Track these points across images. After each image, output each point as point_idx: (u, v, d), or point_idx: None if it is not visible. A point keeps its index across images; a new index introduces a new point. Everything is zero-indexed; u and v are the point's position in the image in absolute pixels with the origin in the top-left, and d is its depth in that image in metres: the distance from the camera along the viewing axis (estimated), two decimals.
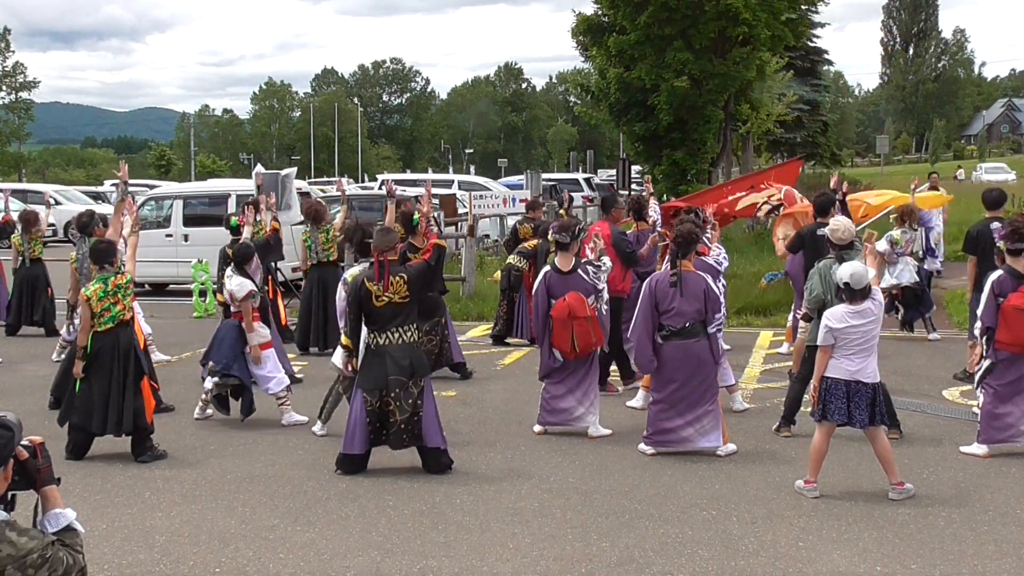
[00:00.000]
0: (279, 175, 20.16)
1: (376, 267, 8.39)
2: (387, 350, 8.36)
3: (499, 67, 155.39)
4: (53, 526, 3.86)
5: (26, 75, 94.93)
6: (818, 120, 49.05)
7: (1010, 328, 8.76)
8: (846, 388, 7.71)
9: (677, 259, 9.07)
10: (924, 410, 10.52)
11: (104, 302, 8.96)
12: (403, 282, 8.37)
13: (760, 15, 24.02)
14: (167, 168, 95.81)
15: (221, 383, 10.18)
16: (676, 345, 8.98)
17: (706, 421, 9.01)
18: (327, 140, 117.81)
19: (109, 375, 9.01)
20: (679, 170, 25.50)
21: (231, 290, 10.32)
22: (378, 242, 8.46)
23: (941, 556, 6.67)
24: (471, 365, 12.69)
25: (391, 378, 8.31)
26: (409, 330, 8.45)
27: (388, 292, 8.32)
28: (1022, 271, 8.88)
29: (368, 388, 8.39)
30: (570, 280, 9.65)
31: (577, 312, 9.41)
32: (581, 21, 27.01)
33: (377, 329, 8.41)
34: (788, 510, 7.56)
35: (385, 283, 8.33)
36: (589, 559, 6.66)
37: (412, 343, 8.47)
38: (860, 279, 7.72)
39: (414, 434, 8.40)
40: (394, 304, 8.36)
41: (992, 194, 11.75)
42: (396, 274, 8.40)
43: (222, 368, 10.09)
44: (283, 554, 6.81)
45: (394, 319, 8.38)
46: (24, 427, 3.83)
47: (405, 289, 8.37)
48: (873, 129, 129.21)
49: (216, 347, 10.25)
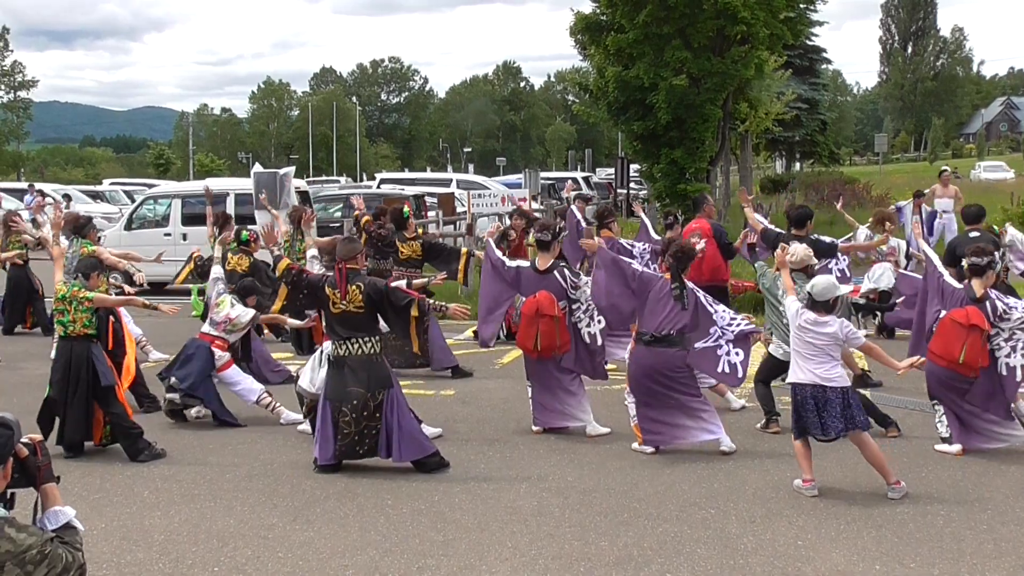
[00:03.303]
0: (277, 174, 20.13)
1: (336, 273, 8.51)
2: (346, 361, 8.47)
3: (497, 66, 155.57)
4: (52, 524, 3.86)
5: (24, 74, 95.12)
6: (816, 119, 48.99)
7: (944, 341, 8.83)
8: (814, 399, 7.75)
9: (678, 273, 9.06)
10: (923, 409, 10.52)
11: (60, 304, 9.08)
12: (359, 291, 8.44)
13: (759, 13, 24.00)
14: (165, 167, 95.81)
15: (180, 402, 10.22)
16: (657, 352, 8.99)
17: (704, 415, 9.05)
18: (325, 139, 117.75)
19: (64, 385, 9.07)
20: (677, 168, 25.47)
21: (232, 317, 10.42)
22: (341, 251, 8.64)
23: (940, 555, 6.68)
24: (470, 365, 12.69)
25: (349, 389, 8.41)
26: (369, 342, 8.50)
27: (344, 300, 8.43)
28: (977, 292, 8.91)
29: (330, 397, 8.52)
30: (544, 280, 9.69)
31: (545, 310, 9.41)
32: (579, 20, 26.98)
33: (337, 338, 8.52)
34: (787, 509, 7.57)
35: (343, 291, 8.44)
36: (588, 558, 6.66)
37: (371, 355, 8.51)
38: (823, 292, 7.85)
39: (371, 447, 8.49)
40: (349, 313, 8.45)
41: (972, 209, 12.14)
42: (354, 282, 8.48)
43: (186, 388, 10.13)
44: (282, 553, 6.81)
45: (352, 329, 8.46)
46: (24, 425, 3.83)
47: (360, 299, 8.43)
48: (872, 128, 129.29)
49: (181, 364, 10.29)
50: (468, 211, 19.83)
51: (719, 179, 30.49)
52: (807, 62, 46.29)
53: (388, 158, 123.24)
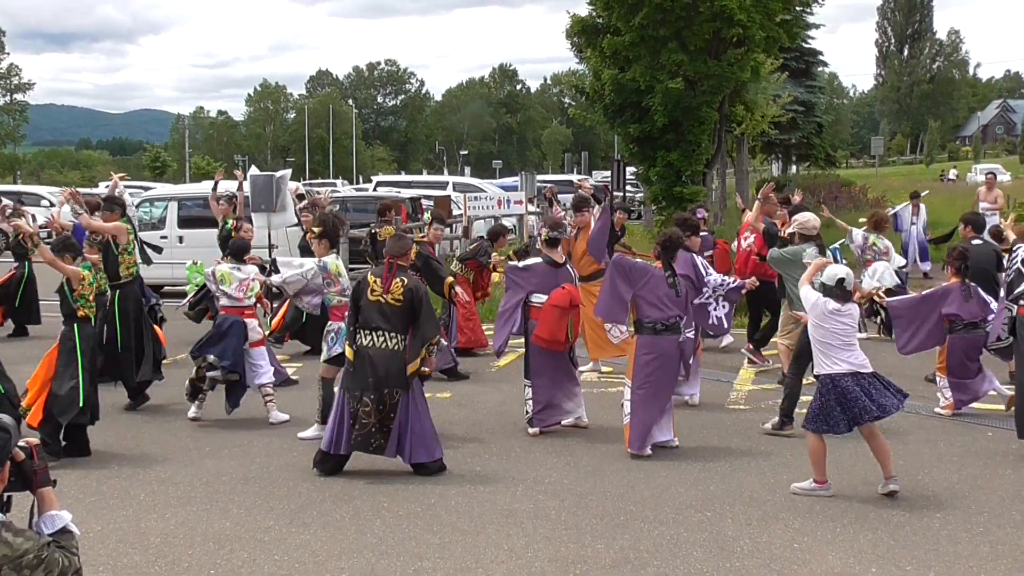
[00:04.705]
0: (273, 177, 20.10)
1: (386, 266, 8.63)
2: (368, 352, 8.48)
3: (493, 68, 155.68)
4: (49, 528, 3.86)
5: (21, 77, 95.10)
6: (813, 121, 49.00)
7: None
8: (858, 386, 7.69)
9: (668, 261, 9.32)
10: (918, 411, 10.54)
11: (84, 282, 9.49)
12: (401, 286, 8.51)
13: (755, 16, 23.99)
14: (162, 170, 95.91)
15: (222, 379, 10.30)
16: (669, 340, 9.16)
17: (669, 415, 9.32)
18: (322, 142, 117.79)
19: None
20: (674, 171, 25.44)
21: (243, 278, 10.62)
22: (391, 248, 8.77)
23: (936, 558, 6.68)
24: (466, 367, 12.70)
25: (370, 380, 8.43)
26: (395, 338, 8.51)
27: (387, 293, 8.50)
28: None
29: (349, 388, 8.53)
30: (561, 273, 10.03)
31: (576, 301, 9.73)
32: (575, 22, 26.94)
33: (363, 327, 8.54)
34: (783, 511, 7.58)
35: (388, 284, 8.51)
36: (584, 560, 6.66)
37: (395, 352, 8.51)
38: (831, 276, 7.98)
39: (382, 444, 8.47)
40: (385, 304, 8.49)
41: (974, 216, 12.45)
42: (399, 277, 8.57)
43: (228, 365, 10.24)
44: (278, 556, 6.81)
45: (385, 321, 8.48)
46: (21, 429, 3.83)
47: (401, 293, 8.49)
48: (868, 130, 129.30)
49: (217, 340, 10.35)
50: (464, 214, 19.85)
51: (715, 182, 30.50)
52: (803, 65, 46.31)
53: (384, 161, 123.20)
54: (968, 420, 10.25)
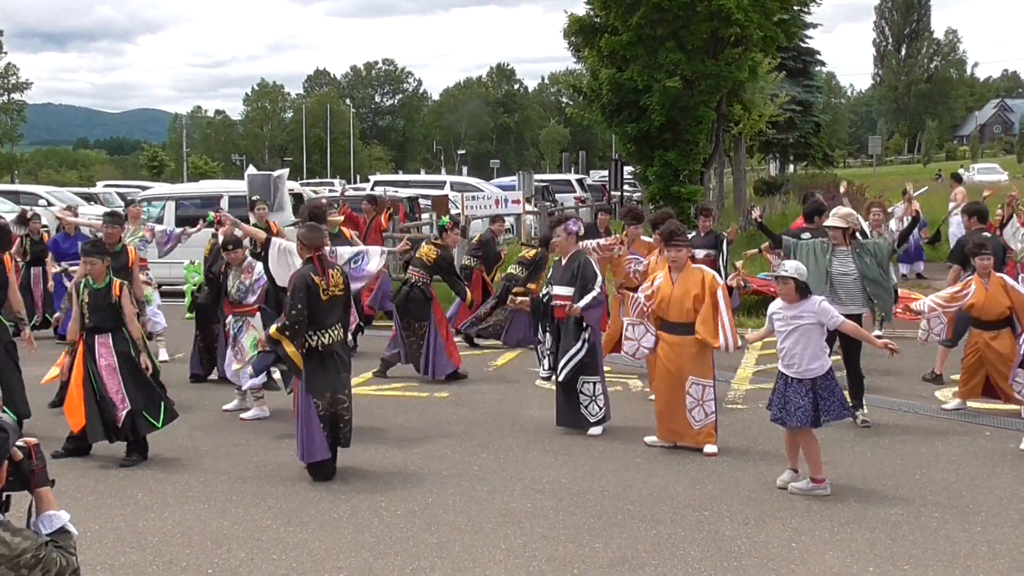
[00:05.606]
0: (271, 176, 20.13)
1: (316, 262, 8.47)
2: (333, 349, 8.47)
3: (491, 68, 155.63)
4: (47, 528, 3.85)
5: (18, 76, 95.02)
6: (810, 121, 49.11)
7: None
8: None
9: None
10: (917, 411, 10.54)
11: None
12: (339, 274, 8.61)
13: (752, 16, 24.04)
14: (159, 169, 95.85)
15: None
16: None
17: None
18: (319, 141, 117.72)
19: None
20: (671, 171, 25.50)
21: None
22: (314, 241, 8.57)
23: (934, 557, 6.68)
24: (463, 366, 12.67)
25: (343, 375, 8.49)
26: (341, 327, 8.60)
27: (331, 287, 8.47)
28: None
29: (320, 392, 8.36)
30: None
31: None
32: (573, 22, 26.99)
33: (319, 328, 8.41)
34: (781, 511, 7.58)
35: (328, 278, 8.47)
36: (581, 560, 6.66)
37: (343, 340, 8.63)
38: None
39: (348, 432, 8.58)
40: (334, 297, 8.50)
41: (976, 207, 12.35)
42: (329, 268, 8.61)
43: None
44: (275, 555, 6.81)
45: (334, 313, 8.49)
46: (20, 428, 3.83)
47: (341, 280, 8.57)
48: (865, 130, 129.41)
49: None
50: (462, 213, 19.85)
51: (713, 181, 30.53)
52: (801, 64, 46.41)
53: (382, 160, 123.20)
54: (966, 420, 10.25)
